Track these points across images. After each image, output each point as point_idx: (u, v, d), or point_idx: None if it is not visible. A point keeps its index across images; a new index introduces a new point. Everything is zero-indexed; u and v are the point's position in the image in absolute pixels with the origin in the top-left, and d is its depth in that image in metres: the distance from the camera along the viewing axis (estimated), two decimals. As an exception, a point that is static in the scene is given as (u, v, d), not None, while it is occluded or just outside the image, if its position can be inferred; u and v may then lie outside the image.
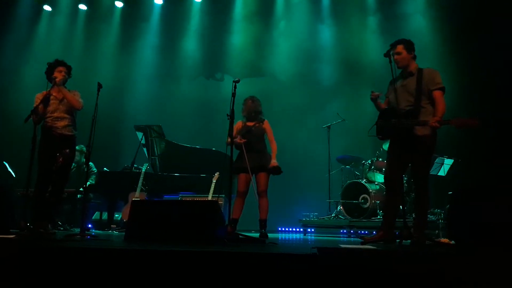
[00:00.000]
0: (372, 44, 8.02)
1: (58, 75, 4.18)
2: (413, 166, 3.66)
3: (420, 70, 3.65)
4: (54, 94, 4.21)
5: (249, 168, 4.24)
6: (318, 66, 8.55)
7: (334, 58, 8.43)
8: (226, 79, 9.13)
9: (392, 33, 7.74)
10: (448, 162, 6.17)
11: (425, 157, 3.62)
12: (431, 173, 6.22)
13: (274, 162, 4.54)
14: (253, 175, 4.48)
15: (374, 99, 3.85)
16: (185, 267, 2.57)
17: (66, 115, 4.21)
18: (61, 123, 4.18)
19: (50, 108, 4.17)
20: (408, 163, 3.70)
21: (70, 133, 4.24)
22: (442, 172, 6.15)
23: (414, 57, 3.74)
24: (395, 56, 3.71)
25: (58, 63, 4.28)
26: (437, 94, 3.55)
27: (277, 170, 4.55)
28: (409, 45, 3.71)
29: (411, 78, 3.66)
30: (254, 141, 4.57)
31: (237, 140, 4.40)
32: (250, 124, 4.67)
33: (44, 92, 4.18)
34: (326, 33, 8.67)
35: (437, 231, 5.13)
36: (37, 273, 2.66)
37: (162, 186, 6.55)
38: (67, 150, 4.16)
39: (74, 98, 4.20)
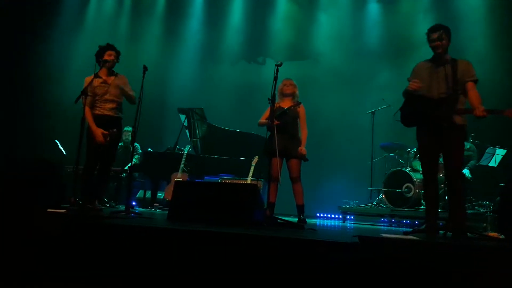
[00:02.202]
0: (420, 24, 7.57)
1: (108, 58, 4.30)
2: (448, 157, 3.55)
3: (454, 60, 3.52)
4: (103, 78, 4.34)
5: (277, 150, 4.20)
6: (363, 48, 8.26)
7: (380, 40, 8.11)
8: (268, 63, 9.06)
9: (442, 12, 7.29)
10: (500, 153, 5.85)
11: (461, 146, 3.58)
12: (481, 163, 5.95)
13: (302, 148, 4.48)
14: (283, 159, 4.46)
15: (415, 90, 3.53)
16: (225, 249, 2.61)
17: (114, 99, 4.33)
18: (108, 105, 4.31)
19: (100, 92, 4.30)
20: (440, 151, 3.62)
21: (116, 115, 4.37)
22: (493, 163, 5.84)
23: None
24: (437, 42, 3.53)
25: (109, 47, 4.39)
26: (472, 85, 3.48)
27: (303, 157, 4.50)
28: (449, 33, 3.55)
29: (446, 66, 3.51)
30: (288, 124, 4.51)
31: (271, 121, 4.34)
32: (285, 106, 4.61)
33: (92, 76, 4.31)
34: (372, 14, 8.34)
35: (484, 224, 4.90)
36: (84, 247, 2.80)
37: (203, 168, 6.68)
38: (115, 130, 4.30)
39: (132, 95, 4.34)
